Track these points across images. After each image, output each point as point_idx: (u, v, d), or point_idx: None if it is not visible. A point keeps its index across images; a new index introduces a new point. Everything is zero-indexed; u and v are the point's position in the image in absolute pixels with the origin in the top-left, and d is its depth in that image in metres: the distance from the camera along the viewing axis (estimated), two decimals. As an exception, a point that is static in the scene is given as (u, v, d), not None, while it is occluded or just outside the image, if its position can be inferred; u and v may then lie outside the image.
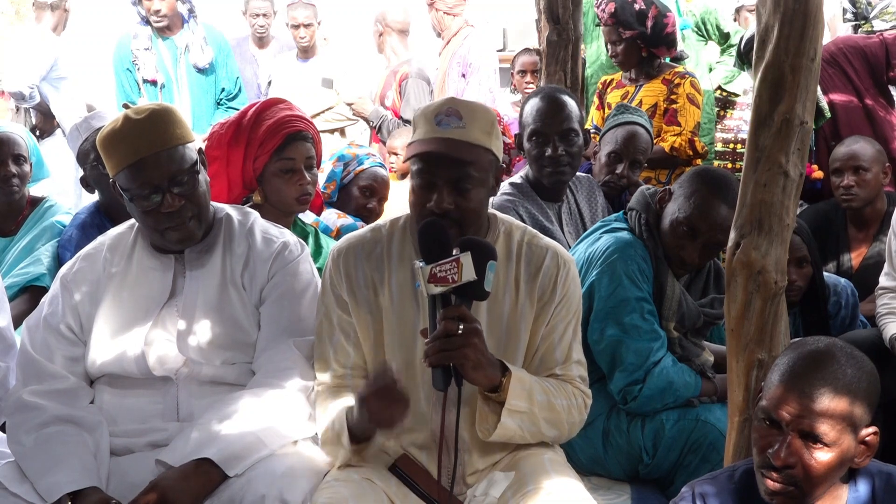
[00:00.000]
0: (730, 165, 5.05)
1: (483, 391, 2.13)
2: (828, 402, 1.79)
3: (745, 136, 4.87)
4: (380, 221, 2.37)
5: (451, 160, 2.13)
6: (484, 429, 2.15)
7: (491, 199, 3.27)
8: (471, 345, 2.00)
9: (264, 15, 6.49)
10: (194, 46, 5.42)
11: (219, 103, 5.52)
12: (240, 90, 5.60)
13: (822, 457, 1.80)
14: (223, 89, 5.55)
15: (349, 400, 2.18)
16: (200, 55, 5.42)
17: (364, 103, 5.79)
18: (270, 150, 2.97)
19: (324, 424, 2.21)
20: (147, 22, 5.39)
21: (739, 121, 5.26)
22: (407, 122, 5.43)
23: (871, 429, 1.85)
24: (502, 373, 2.11)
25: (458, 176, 2.14)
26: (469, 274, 1.98)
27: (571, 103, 3.34)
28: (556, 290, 2.24)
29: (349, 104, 5.82)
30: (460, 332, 1.99)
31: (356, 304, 2.25)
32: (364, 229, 2.36)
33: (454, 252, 1.99)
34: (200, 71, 5.46)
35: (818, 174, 4.33)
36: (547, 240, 2.33)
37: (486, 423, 2.14)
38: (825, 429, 1.79)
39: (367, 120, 5.90)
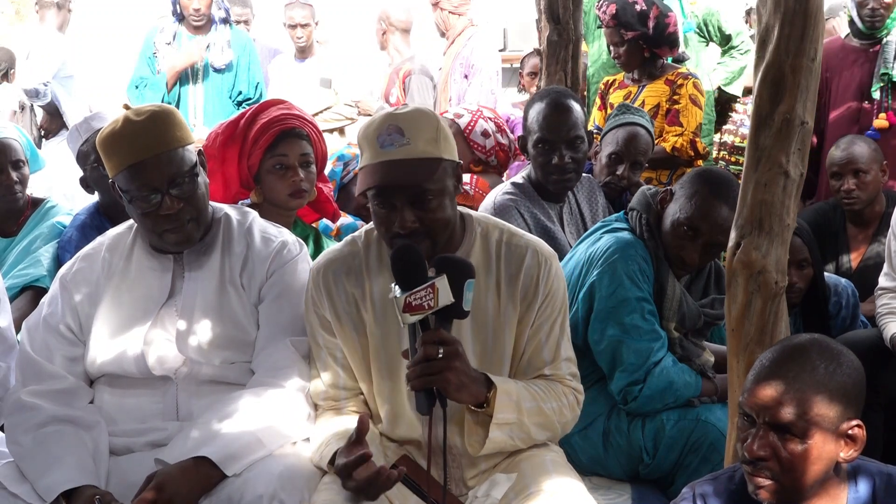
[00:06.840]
0: (723, 164, 5.09)
1: (469, 407, 2.11)
2: (793, 392, 1.78)
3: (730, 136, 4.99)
4: (356, 233, 2.31)
5: (403, 184, 2.07)
6: (474, 442, 2.13)
7: (493, 200, 3.31)
8: (452, 368, 1.96)
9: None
10: (215, 47, 5.52)
11: (239, 104, 5.57)
12: (261, 96, 5.63)
13: (794, 448, 1.79)
14: (240, 92, 5.61)
15: (340, 424, 2.18)
16: (219, 55, 5.52)
17: (370, 101, 5.79)
18: (264, 146, 2.98)
19: (313, 445, 2.20)
20: (180, 20, 5.52)
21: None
22: None
23: (854, 422, 1.82)
24: (488, 387, 2.08)
25: (415, 195, 2.08)
26: (446, 298, 1.93)
27: (577, 108, 3.33)
28: (539, 289, 2.20)
29: (356, 102, 5.82)
30: (440, 355, 1.95)
31: (339, 323, 2.22)
32: (340, 243, 2.31)
33: (430, 274, 1.95)
34: (217, 70, 5.54)
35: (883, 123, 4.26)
36: (526, 237, 2.27)
37: (475, 437, 2.12)
38: (792, 419, 1.78)
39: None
